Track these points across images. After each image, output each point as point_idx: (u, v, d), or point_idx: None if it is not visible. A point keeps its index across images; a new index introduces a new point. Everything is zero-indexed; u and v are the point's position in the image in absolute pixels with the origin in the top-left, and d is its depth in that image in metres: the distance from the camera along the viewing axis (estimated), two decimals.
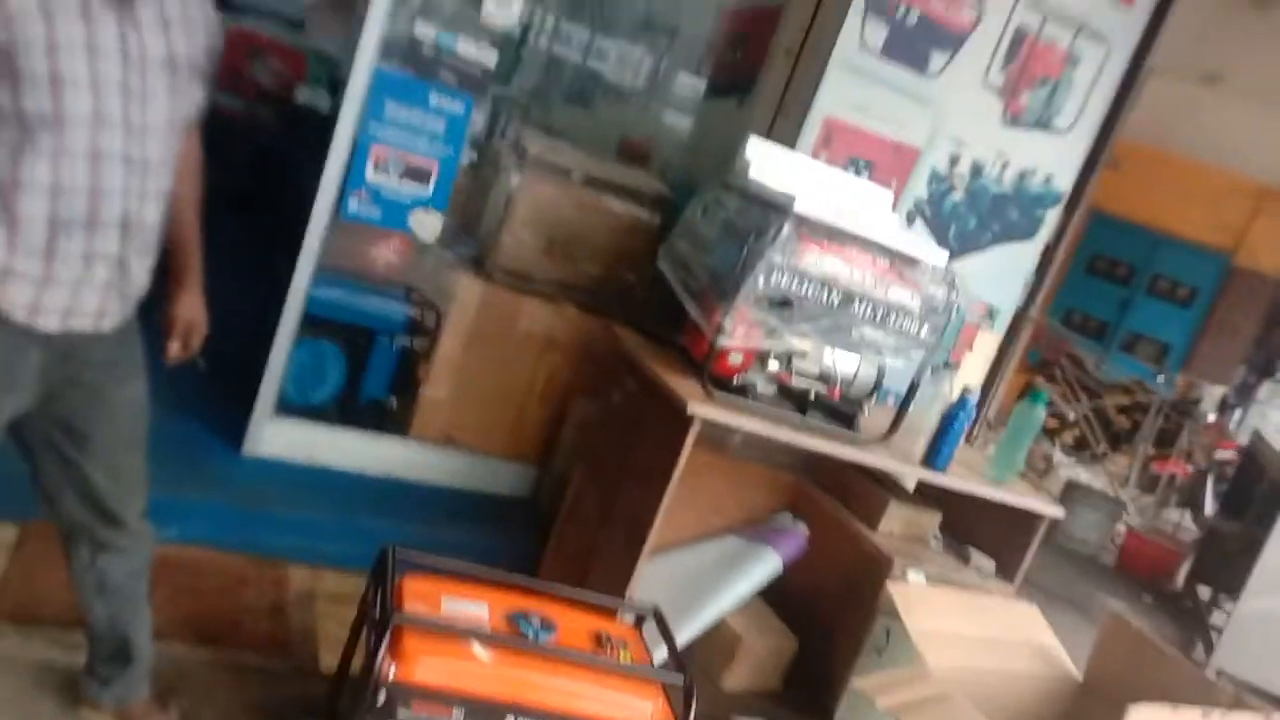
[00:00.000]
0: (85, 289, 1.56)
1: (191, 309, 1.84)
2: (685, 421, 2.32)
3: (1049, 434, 7.99)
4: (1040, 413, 2.76)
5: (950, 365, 2.78)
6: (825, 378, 2.58)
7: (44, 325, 1.55)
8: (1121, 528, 5.79)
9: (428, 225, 3.03)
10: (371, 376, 3.26)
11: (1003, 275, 3.36)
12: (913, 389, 2.56)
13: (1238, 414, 9.01)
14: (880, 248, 2.42)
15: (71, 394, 1.68)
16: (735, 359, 2.45)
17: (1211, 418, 8.51)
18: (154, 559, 1.93)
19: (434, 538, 2.93)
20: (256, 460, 3.00)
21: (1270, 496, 4.33)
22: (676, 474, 2.36)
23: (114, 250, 1.57)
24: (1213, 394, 9.11)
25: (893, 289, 2.44)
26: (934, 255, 2.49)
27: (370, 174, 2.91)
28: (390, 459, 3.18)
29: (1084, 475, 6.86)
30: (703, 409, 2.32)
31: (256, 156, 4.84)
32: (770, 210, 2.38)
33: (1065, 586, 4.61)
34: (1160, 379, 9.24)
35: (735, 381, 2.47)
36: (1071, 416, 8.17)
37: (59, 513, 1.79)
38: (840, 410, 2.58)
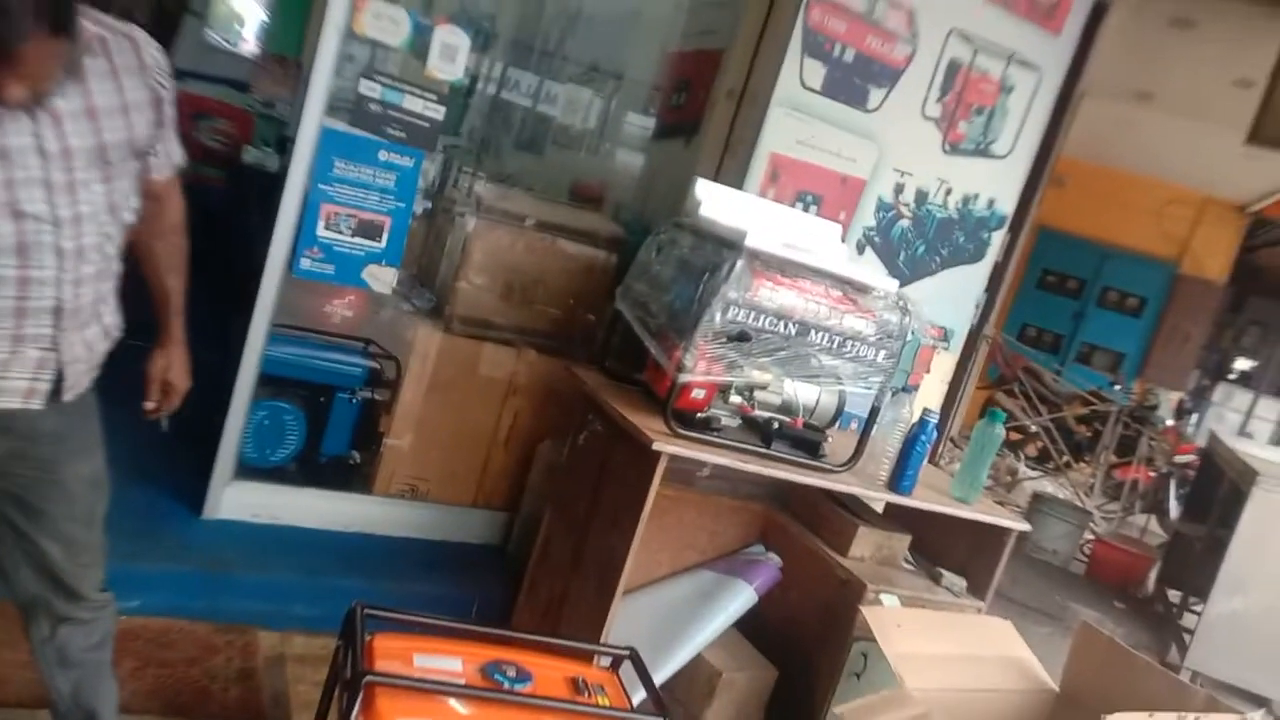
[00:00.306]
0: (15, 368, 1.53)
1: (168, 368, 1.83)
2: (652, 459, 2.33)
3: (1012, 447, 8.10)
4: (999, 431, 2.80)
5: (909, 389, 2.82)
6: (787, 408, 2.61)
7: None
8: (1089, 536, 5.86)
9: (381, 279, 3.02)
10: (332, 433, 3.23)
11: (955, 297, 3.43)
12: (873, 414, 2.59)
13: (1195, 418, 9.20)
14: (832, 277, 2.46)
15: (19, 469, 1.64)
16: (698, 394, 2.47)
17: (1170, 423, 8.69)
18: (117, 630, 1.89)
19: (405, 592, 2.91)
20: (217, 523, 2.95)
21: (1230, 498, 4.42)
22: (645, 512, 2.36)
23: (46, 333, 1.54)
24: (1169, 399, 9.31)
25: (847, 317, 2.48)
26: (885, 282, 2.54)
27: (321, 231, 2.90)
28: (355, 515, 3.15)
29: (1049, 486, 6.94)
30: (668, 445, 2.33)
31: (204, 218, 4.80)
32: (722, 247, 2.41)
33: (1038, 598, 4.66)
34: (1117, 388, 9.43)
35: (699, 416, 2.49)
36: (1033, 429, 8.29)
37: (14, 587, 1.75)
38: (804, 439, 2.60)
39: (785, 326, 2.41)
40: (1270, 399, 9.80)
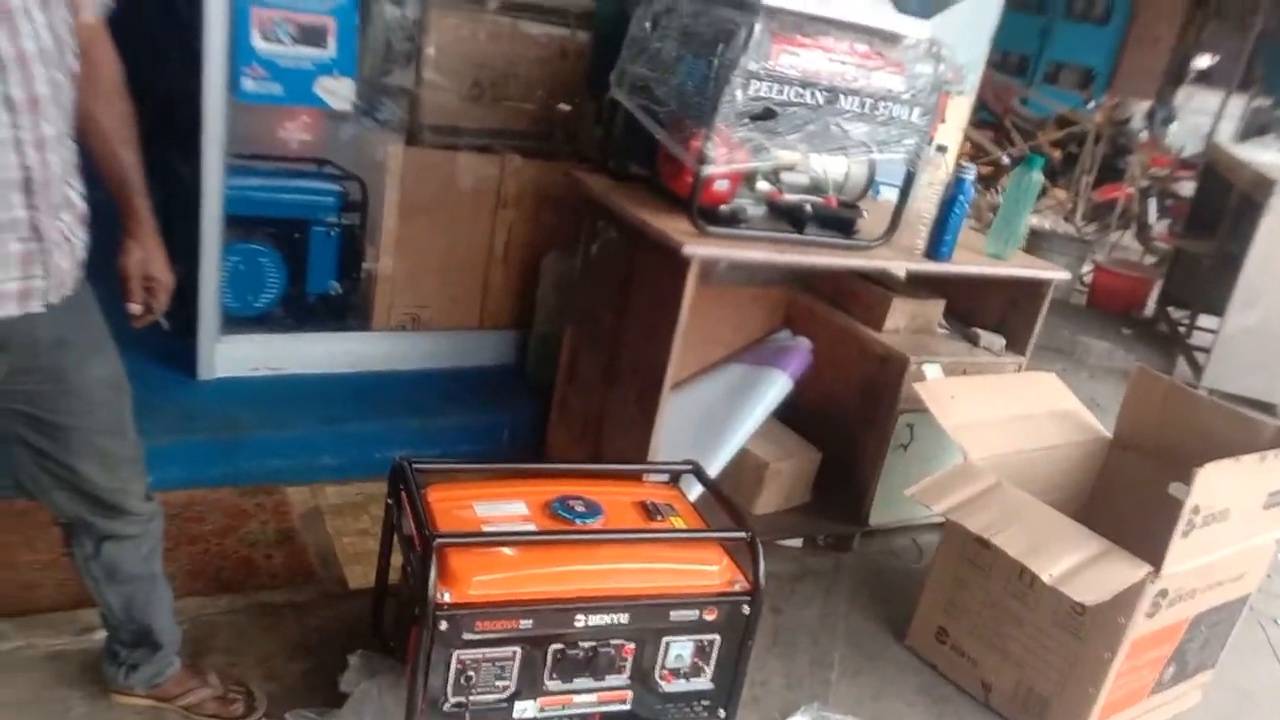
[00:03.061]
0: None
1: (146, 261, 1.56)
2: (682, 263, 2.14)
3: (985, 183, 7.91)
4: (1037, 177, 2.62)
5: (942, 147, 2.60)
6: (817, 186, 2.40)
7: None
8: (1088, 266, 5.82)
9: (338, 92, 2.67)
10: (315, 270, 2.97)
11: (971, 30, 3.11)
12: (909, 180, 2.39)
13: (1173, 128, 9.01)
14: (859, 29, 2.18)
15: (26, 384, 1.45)
16: (721, 185, 2.24)
17: (1144, 135, 8.51)
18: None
19: (430, 427, 2.79)
20: (216, 383, 2.76)
21: (1241, 210, 4.31)
22: (682, 321, 2.20)
23: (22, 216, 1.29)
24: (1140, 110, 9.07)
25: (876, 75, 2.22)
26: (915, 27, 2.25)
27: (258, 43, 2.52)
28: (359, 353, 2.96)
29: (1042, 221, 6.85)
30: (699, 248, 2.13)
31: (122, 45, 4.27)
32: (733, 10, 2.10)
33: (1045, 335, 4.59)
34: (1090, 105, 9.15)
35: (724, 210, 2.27)
36: (1005, 160, 8.08)
37: (53, 508, 1.60)
38: (838, 218, 2.41)
39: (812, 95, 2.15)
40: (1240, 96, 9.55)
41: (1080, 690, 2.01)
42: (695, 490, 2.04)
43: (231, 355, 2.78)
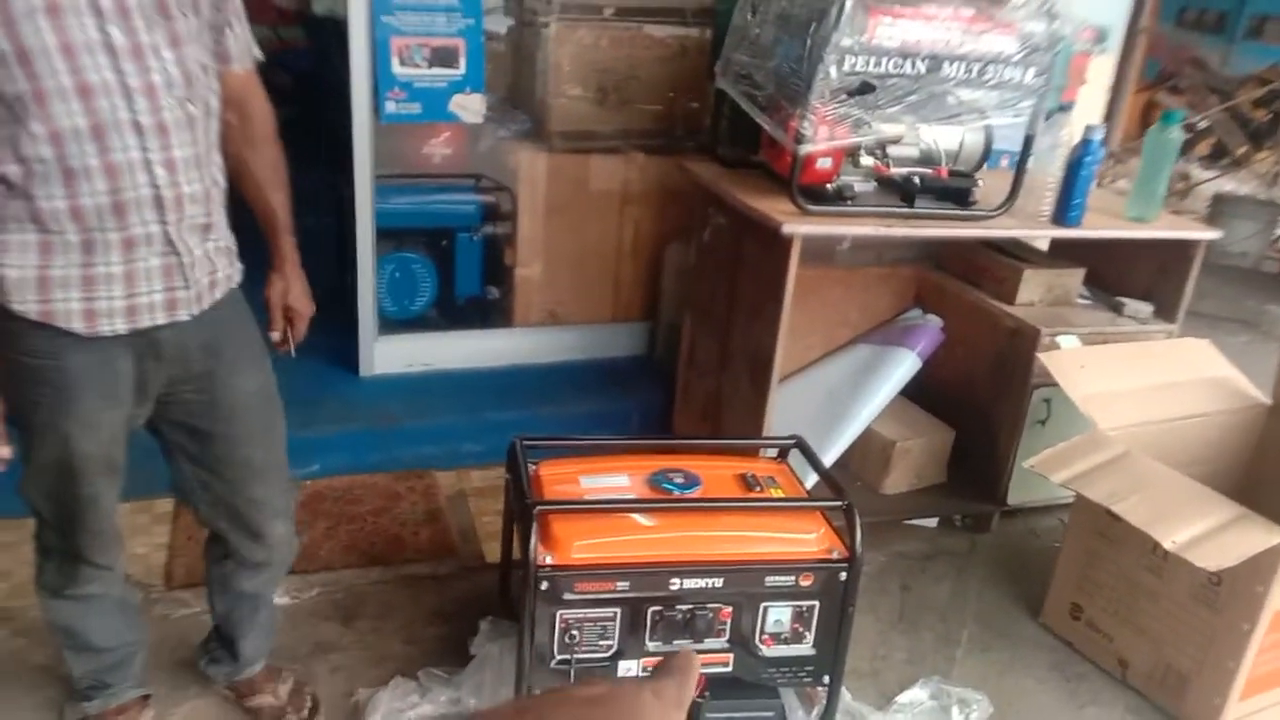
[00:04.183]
0: (139, 281, 1.40)
1: (285, 292, 1.67)
2: (784, 244, 2.17)
3: (1181, 149, 7.33)
4: (1176, 135, 2.47)
5: (1065, 106, 2.49)
6: (928, 158, 2.36)
7: (110, 329, 1.41)
8: None
9: (470, 108, 2.87)
10: (462, 274, 3.20)
11: None
12: (1028, 144, 2.31)
13: None
14: None
15: (185, 392, 1.54)
16: (824, 164, 2.26)
17: None
18: (304, 497, 1.89)
19: (565, 415, 2.94)
20: (375, 379, 3.03)
21: None
22: (787, 299, 2.23)
23: (156, 231, 1.39)
24: None
25: (984, 38, 2.17)
26: None
27: (397, 68, 2.75)
28: (502, 349, 3.16)
29: (1229, 185, 6.29)
30: (799, 226, 2.16)
31: (294, 80, 4.73)
32: None
33: (1230, 307, 4.29)
34: None
35: (829, 188, 2.28)
36: (1203, 124, 7.45)
37: (197, 514, 1.71)
38: (951, 189, 2.36)
39: (912, 65, 2.13)
40: None
41: (1220, 665, 1.88)
42: (811, 477, 2.05)
43: (388, 354, 3.04)
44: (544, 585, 1.69)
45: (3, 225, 1.34)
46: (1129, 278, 2.73)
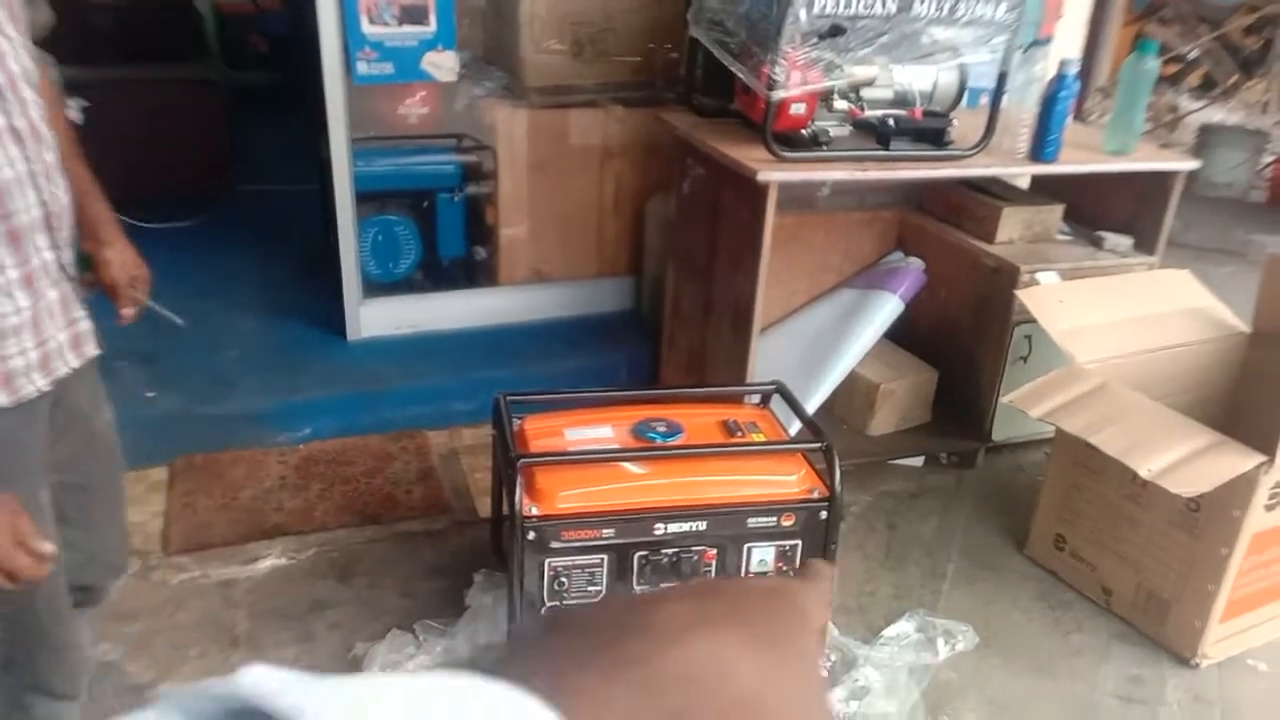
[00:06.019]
0: (45, 323, 1.21)
1: (124, 260, 1.45)
2: (760, 191, 2.18)
3: (1170, 81, 7.26)
4: (1150, 65, 2.45)
5: (1041, 41, 2.47)
6: (902, 99, 2.36)
7: (32, 389, 1.22)
8: (1269, 159, 5.27)
9: (443, 65, 2.85)
10: (445, 235, 3.20)
11: None
12: (1001, 80, 2.30)
13: None
14: None
15: (63, 445, 1.33)
16: (797, 109, 2.25)
17: None
18: (300, 460, 1.87)
19: (554, 371, 2.96)
20: (363, 343, 3.04)
21: None
22: (765, 246, 2.24)
23: (50, 259, 1.20)
24: None
25: None
26: None
27: (366, 27, 2.73)
28: (489, 309, 3.17)
29: (1218, 114, 6.24)
30: (774, 173, 2.16)
31: (271, 44, 4.69)
32: None
33: (1216, 237, 4.28)
34: None
35: (805, 133, 2.28)
36: (1192, 54, 7.37)
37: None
38: (925, 129, 2.36)
39: (883, 5, 2.12)
40: None
41: (1200, 589, 1.92)
42: (795, 424, 2.07)
43: (375, 317, 3.05)
44: (531, 535, 1.72)
45: None
46: (1109, 211, 2.73)
